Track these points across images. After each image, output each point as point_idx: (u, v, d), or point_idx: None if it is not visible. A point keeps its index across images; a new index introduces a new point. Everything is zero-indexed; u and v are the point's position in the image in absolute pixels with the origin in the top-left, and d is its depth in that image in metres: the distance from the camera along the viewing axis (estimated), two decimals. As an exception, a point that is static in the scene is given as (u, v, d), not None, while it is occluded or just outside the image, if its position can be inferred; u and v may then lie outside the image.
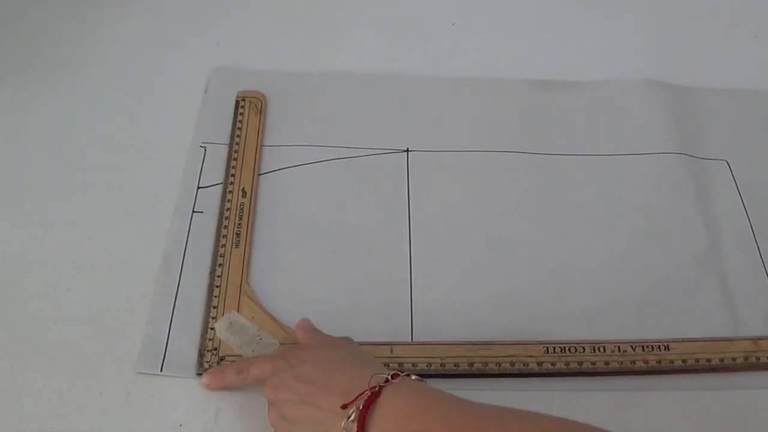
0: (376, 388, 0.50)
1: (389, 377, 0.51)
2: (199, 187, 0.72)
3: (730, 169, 0.77)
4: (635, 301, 0.67)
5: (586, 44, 0.90)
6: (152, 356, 0.62)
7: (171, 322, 0.64)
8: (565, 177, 0.76)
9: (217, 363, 0.61)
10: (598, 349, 0.63)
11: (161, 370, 0.61)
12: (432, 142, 0.77)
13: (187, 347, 0.62)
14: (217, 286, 0.65)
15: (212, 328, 0.63)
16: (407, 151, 0.77)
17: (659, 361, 0.62)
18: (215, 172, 0.73)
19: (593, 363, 0.62)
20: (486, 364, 0.62)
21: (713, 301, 0.67)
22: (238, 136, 0.76)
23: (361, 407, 0.49)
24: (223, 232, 0.69)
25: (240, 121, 0.78)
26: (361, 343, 0.62)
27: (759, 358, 0.62)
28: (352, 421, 0.49)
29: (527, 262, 0.69)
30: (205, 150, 0.75)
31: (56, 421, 0.58)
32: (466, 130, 0.79)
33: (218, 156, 0.75)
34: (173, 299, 0.65)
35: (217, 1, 0.91)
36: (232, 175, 0.73)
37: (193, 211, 0.71)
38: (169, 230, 0.69)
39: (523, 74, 0.84)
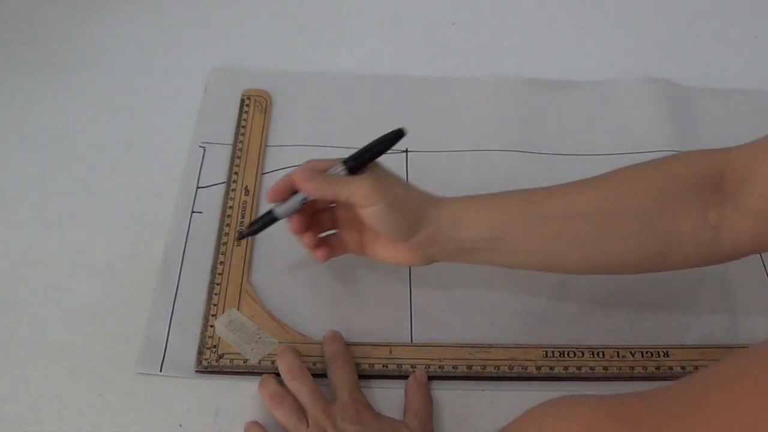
0: None
1: None
2: (198, 187, 0.72)
3: (729, 169, 0.77)
4: (634, 301, 0.67)
5: (585, 44, 0.90)
6: (152, 356, 0.62)
7: (170, 322, 0.64)
8: (564, 176, 0.75)
9: (216, 361, 0.61)
10: (597, 354, 0.63)
11: (161, 370, 0.61)
12: (431, 143, 0.78)
13: (186, 347, 0.62)
14: (218, 284, 0.66)
15: (212, 326, 0.63)
16: (406, 151, 0.77)
17: (658, 368, 0.62)
18: (215, 172, 0.74)
19: (592, 368, 0.62)
20: (484, 366, 0.62)
21: (713, 301, 0.67)
22: (242, 134, 0.77)
23: None
24: (225, 230, 0.69)
25: (244, 120, 0.78)
26: (360, 344, 0.63)
27: (756, 366, 0.62)
28: None
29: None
30: (204, 150, 0.75)
31: (56, 421, 0.58)
32: (466, 130, 0.79)
33: (218, 156, 0.75)
34: (172, 300, 0.65)
35: (217, 1, 0.91)
36: (235, 173, 0.73)
37: (192, 211, 0.71)
38: (169, 230, 0.69)
39: (522, 74, 0.85)
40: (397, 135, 0.59)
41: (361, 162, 0.58)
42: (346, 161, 0.58)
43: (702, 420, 0.37)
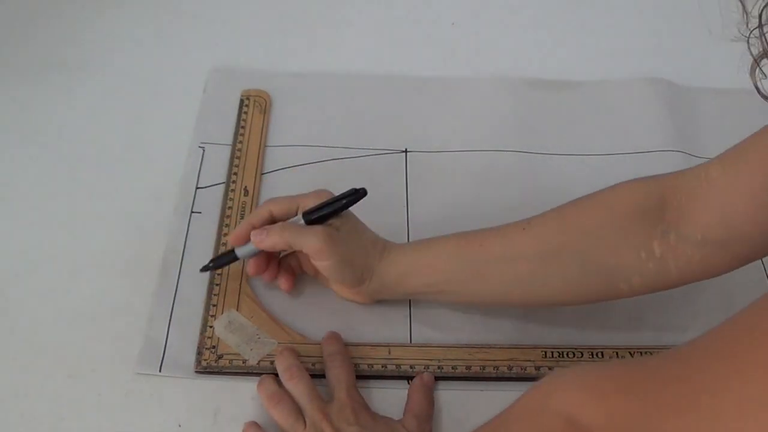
0: None
1: None
2: (197, 188, 0.72)
3: (728, 168, 0.77)
4: (634, 301, 0.66)
5: (585, 44, 0.90)
6: (151, 356, 0.62)
7: (170, 322, 0.64)
8: (564, 176, 0.76)
9: (215, 361, 0.61)
10: (597, 355, 0.63)
11: (160, 371, 0.61)
12: (431, 143, 0.78)
13: (185, 347, 0.62)
14: (217, 285, 0.66)
15: (211, 327, 0.63)
16: (406, 151, 0.77)
17: (657, 367, 0.62)
18: (214, 173, 0.74)
19: (591, 368, 0.62)
20: (483, 367, 0.62)
21: (713, 301, 0.67)
22: (242, 135, 0.77)
23: None
24: (225, 230, 0.69)
25: (244, 120, 0.78)
26: (360, 344, 0.63)
27: (755, 367, 0.62)
28: None
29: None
30: (204, 150, 0.75)
31: (55, 422, 0.58)
32: (465, 130, 0.79)
33: (217, 156, 0.75)
34: (172, 300, 0.65)
35: (217, 1, 0.91)
36: (234, 174, 0.73)
37: (192, 212, 0.71)
38: (169, 230, 0.69)
39: (522, 74, 0.85)
40: (359, 194, 0.62)
41: (321, 218, 0.61)
42: (305, 215, 0.61)
43: (697, 381, 0.37)
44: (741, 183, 0.52)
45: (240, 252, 0.63)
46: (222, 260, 0.65)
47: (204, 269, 0.65)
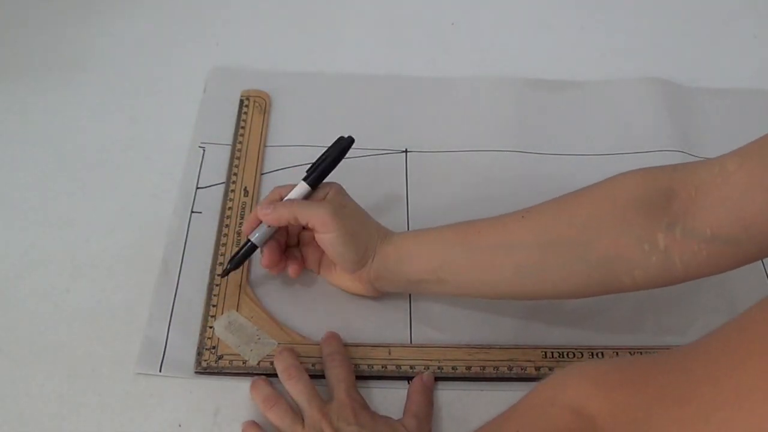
0: None
1: None
2: (198, 188, 0.73)
3: (728, 169, 0.77)
4: (634, 301, 0.67)
5: (585, 44, 0.90)
6: (151, 356, 0.62)
7: (170, 322, 0.64)
8: (564, 176, 0.76)
9: (215, 362, 0.61)
10: (597, 355, 0.63)
11: (160, 371, 0.61)
12: (431, 143, 0.78)
13: (185, 347, 0.62)
14: (216, 285, 0.66)
15: (211, 327, 0.63)
16: (406, 151, 0.77)
17: (656, 367, 0.62)
18: (214, 172, 0.74)
19: (591, 368, 0.62)
20: (484, 367, 0.62)
21: (713, 301, 0.67)
22: (242, 135, 0.77)
23: None
24: (224, 231, 0.69)
25: (244, 120, 0.78)
26: (360, 345, 0.63)
27: (755, 367, 0.62)
28: None
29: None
30: (204, 150, 0.75)
31: (55, 422, 0.58)
32: (465, 130, 0.79)
33: (217, 156, 0.75)
34: (172, 300, 0.65)
35: (217, 1, 0.91)
36: (234, 174, 0.73)
37: (192, 212, 0.71)
38: (168, 230, 0.69)
39: (522, 74, 0.85)
40: (347, 141, 0.64)
41: (321, 175, 0.63)
42: (306, 179, 0.63)
43: (699, 372, 0.38)
44: (762, 179, 0.50)
45: (255, 237, 0.63)
46: (241, 254, 0.64)
47: (224, 273, 0.65)
